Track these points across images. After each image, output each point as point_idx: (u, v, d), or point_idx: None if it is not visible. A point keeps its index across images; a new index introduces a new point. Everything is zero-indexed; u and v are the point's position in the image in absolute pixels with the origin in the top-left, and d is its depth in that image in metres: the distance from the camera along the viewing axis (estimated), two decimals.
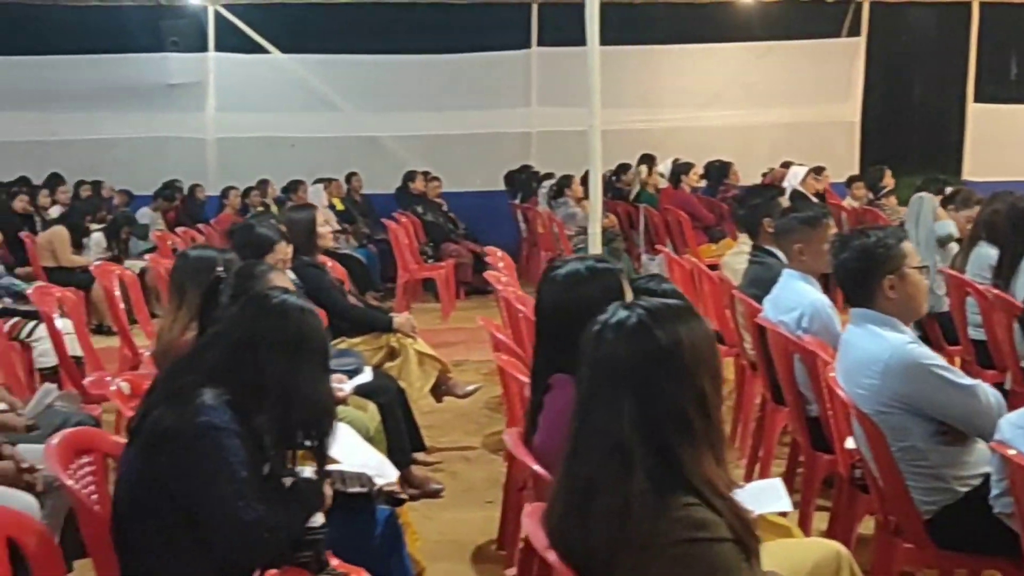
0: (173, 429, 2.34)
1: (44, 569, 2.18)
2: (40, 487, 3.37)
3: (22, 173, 12.95)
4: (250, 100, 14.24)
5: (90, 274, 9.07)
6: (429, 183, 12.43)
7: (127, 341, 5.91)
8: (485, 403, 6.37)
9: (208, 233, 10.88)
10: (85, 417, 4.24)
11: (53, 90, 13.95)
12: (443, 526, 4.57)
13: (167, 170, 13.37)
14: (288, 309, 2.55)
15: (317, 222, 5.30)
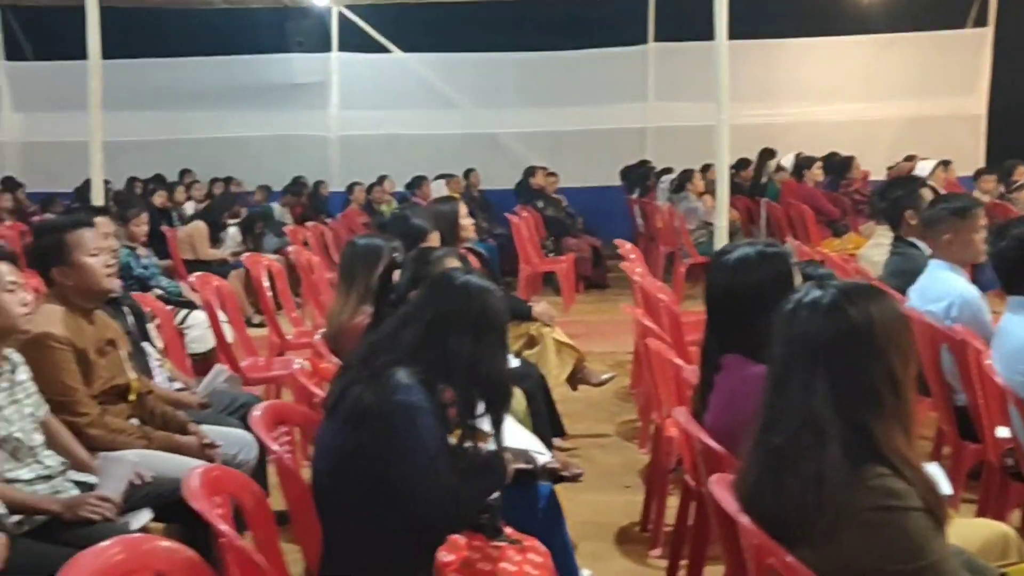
0: (373, 407, 2.50)
1: (261, 526, 2.36)
2: (218, 463, 3.60)
3: (156, 171, 13.54)
4: (372, 98, 14.60)
5: (226, 266, 9.47)
6: (548, 178, 12.56)
7: (275, 327, 6.17)
8: (615, 393, 6.48)
9: (335, 227, 11.22)
10: (250, 397, 4.48)
11: (184, 91, 14.51)
12: (584, 508, 4.67)
13: (292, 167, 13.82)
14: (471, 288, 2.70)
15: (460, 214, 5.45)
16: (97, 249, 3.63)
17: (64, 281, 3.59)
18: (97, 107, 7.38)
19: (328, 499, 2.59)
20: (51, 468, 3.15)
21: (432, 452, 2.50)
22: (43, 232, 3.65)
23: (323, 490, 2.60)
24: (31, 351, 3.29)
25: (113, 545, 1.83)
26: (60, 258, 3.57)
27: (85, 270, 3.60)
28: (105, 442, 3.47)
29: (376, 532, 2.52)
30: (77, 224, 3.64)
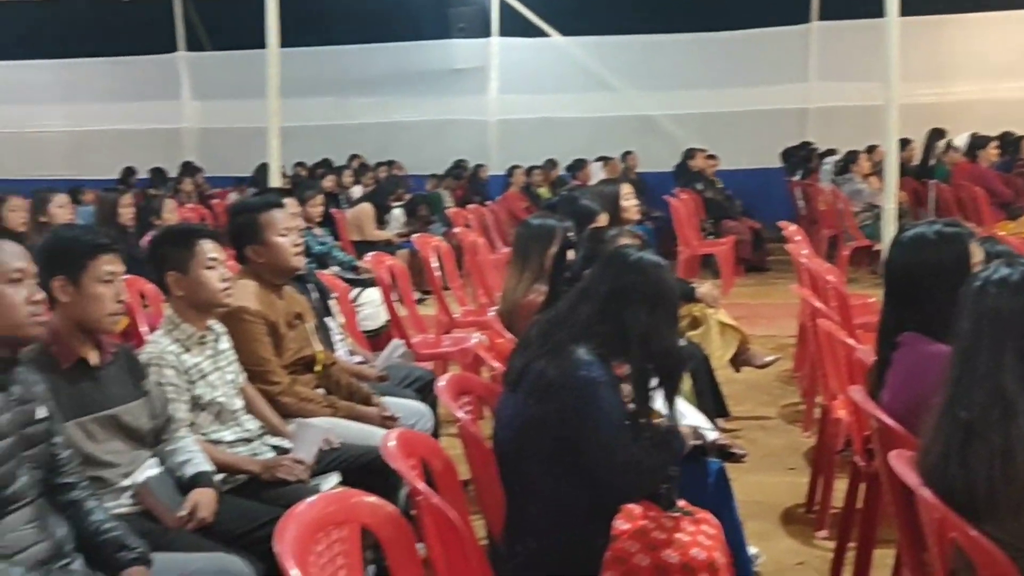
0: (557, 381, 2.61)
1: (449, 489, 2.51)
2: None
3: (323, 155, 14.04)
4: (530, 82, 14.75)
5: (392, 247, 9.78)
6: (707, 161, 12.47)
7: (443, 306, 6.38)
8: (777, 376, 6.45)
9: (495, 210, 11.43)
10: (424, 371, 4.66)
11: (349, 77, 15.00)
12: (749, 488, 4.67)
13: (452, 151, 14.12)
14: (645, 264, 2.78)
15: (621, 196, 5.51)
16: (286, 229, 3.85)
17: (256, 259, 3.83)
18: (275, 94, 7.71)
19: (510, 468, 2.72)
20: (250, 431, 3.39)
21: (615, 424, 2.61)
22: (238, 212, 3.89)
23: (506, 459, 2.72)
24: (229, 323, 3.53)
25: (324, 499, 2.00)
26: (254, 237, 3.80)
27: (276, 248, 3.83)
28: (295, 409, 3.70)
29: (556, 500, 2.63)
30: (269, 205, 3.86)
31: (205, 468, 2.98)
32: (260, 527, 2.91)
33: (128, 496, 2.84)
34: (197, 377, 3.24)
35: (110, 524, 2.51)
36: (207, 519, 2.84)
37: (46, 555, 2.35)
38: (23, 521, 2.34)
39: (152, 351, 3.18)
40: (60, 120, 16.12)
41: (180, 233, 3.36)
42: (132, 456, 2.89)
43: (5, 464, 2.30)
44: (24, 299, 2.33)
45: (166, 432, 3.03)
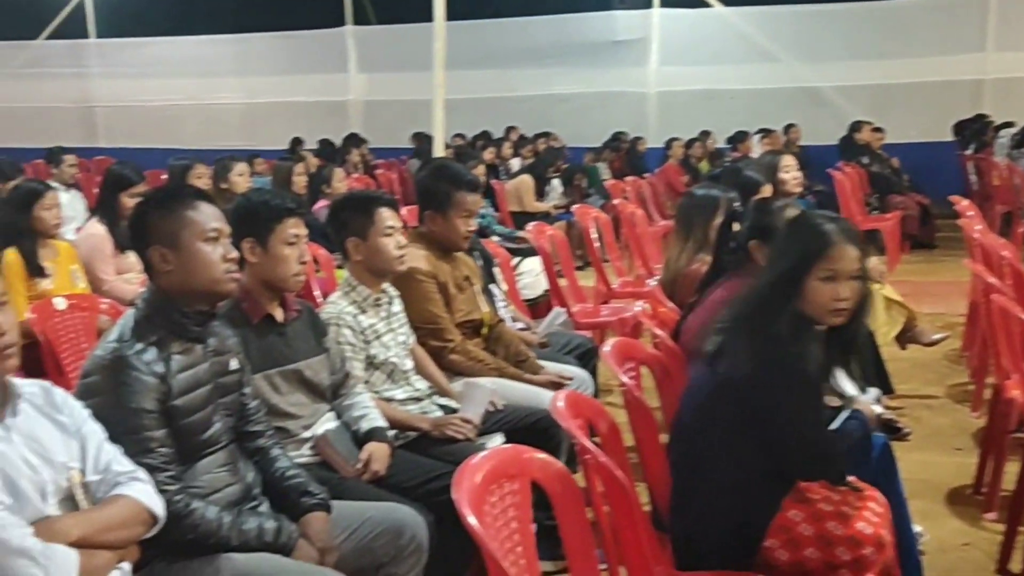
0: (757, 358, 2.58)
1: (614, 451, 2.57)
2: None
3: (483, 127, 14.24)
4: (691, 54, 14.59)
5: (550, 218, 9.87)
6: (874, 134, 12.10)
7: (602, 276, 6.44)
8: (944, 355, 6.27)
9: (653, 183, 11.38)
10: (584, 339, 4.74)
11: (510, 50, 15.13)
12: (913, 467, 4.58)
13: (610, 123, 14.10)
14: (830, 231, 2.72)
15: (780, 168, 5.44)
16: (468, 212, 3.95)
17: (432, 225, 3.96)
18: (440, 66, 7.88)
19: (686, 437, 2.73)
20: (420, 391, 3.53)
21: (815, 405, 2.59)
22: (439, 176, 3.97)
23: (683, 428, 2.74)
24: (401, 284, 3.67)
25: (497, 453, 2.09)
26: (440, 208, 3.92)
27: (452, 228, 3.94)
28: (464, 367, 3.83)
29: (733, 473, 2.62)
30: (468, 186, 3.93)
31: (380, 423, 3.13)
32: (430, 481, 3.05)
33: (308, 447, 3.01)
34: (372, 337, 3.39)
35: (294, 471, 2.68)
36: (380, 471, 2.99)
37: (237, 497, 2.53)
38: (217, 464, 2.52)
39: (331, 311, 3.34)
40: (235, 92, 16.83)
41: (361, 200, 3.51)
42: (313, 409, 3.06)
43: (203, 410, 2.48)
44: (220, 256, 2.50)
45: (344, 388, 3.19)
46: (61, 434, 2.15)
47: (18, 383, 2.12)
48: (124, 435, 2.28)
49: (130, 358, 2.36)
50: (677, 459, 2.76)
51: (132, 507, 2.14)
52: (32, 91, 16.92)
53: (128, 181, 5.43)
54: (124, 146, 16.14)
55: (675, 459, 2.77)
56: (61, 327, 3.93)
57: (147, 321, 2.45)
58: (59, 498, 2.08)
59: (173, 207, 2.49)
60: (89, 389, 2.35)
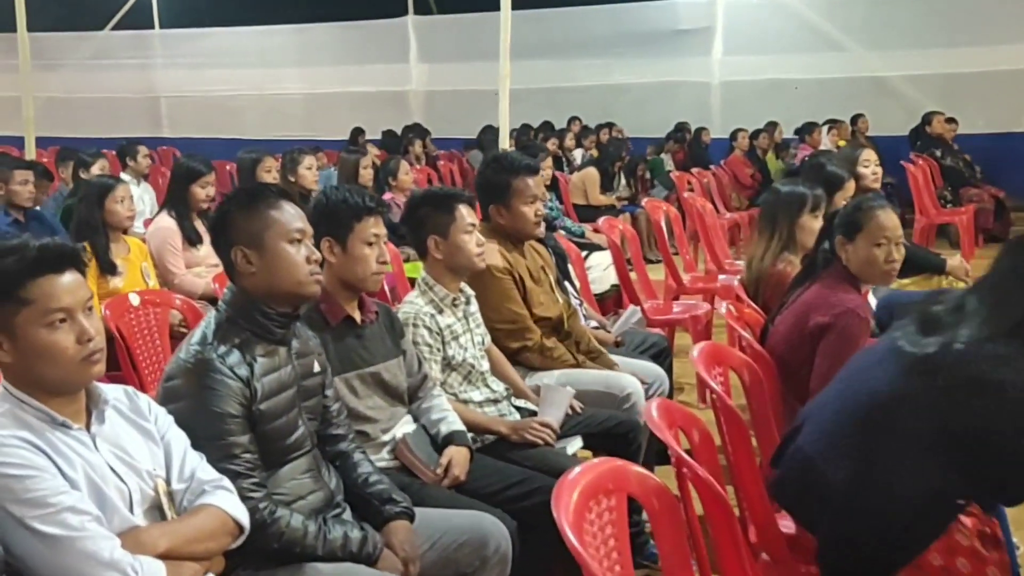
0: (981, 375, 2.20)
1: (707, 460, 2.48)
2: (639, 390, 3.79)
3: (544, 118, 14.11)
4: (756, 43, 14.31)
5: (615, 211, 9.75)
6: (946, 125, 11.80)
7: (672, 271, 6.32)
8: None
9: (718, 174, 11.20)
10: (659, 337, 4.63)
11: (572, 39, 14.97)
12: None
13: (672, 114, 13.90)
14: None
15: (859, 162, 5.28)
16: (533, 197, 3.88)
17: (498, 219, 3.88)
18: (506, 56, 7.79)
19: (852, 443, 2.39)
20: (497, 392, 3.46)
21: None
22: (496, 168, 3.91)
23: (851, 432, 2.40)
24: (477, 283, 3.59)
25: (593, 467, 2.00)
26: (502, 199, 3.85)
27: (519, 216, 3.86)
28: (540, 365, 3.76)
29: (918, 484, 2.29)
30: (526, 170, 3.88)
31: (459, 427, 3.06)
32: (510, 487, 2.98)
33: (387, 451, 2.95)
34: (450, 338, 3.32)
35: (376, 477, 2.61)
36: (461, 477, 2.93)
37: (321, 504, 2.47)
38: (301, 470, 2.47)
39: (408, 311, 3.28)
40: (296, 83, 16.87)
41: (441, 197, 3.44)
42: (391, 412, 3.00)
43: (287, 414, 2.43)
44: (304, 258, 2.44)
45: (422, 390, 3.12)
46: (146, 441, 2.11)
47: (104, 388, 2.08)
48: (208, 440, 2.24)
49: (214, 361, 2.31)
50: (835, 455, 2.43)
51: (218, 518, 2.09)
52: (98, 82, 17.09)
53: (197, 172, 5.42)
54: (187, 136, 16.26)
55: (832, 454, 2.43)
56: (135, 323, 3.91)
57: (230, 323, 2.40)
58: (145, 507, 2.04)
59: (256, 207, 2.44)
60: (172, 393, 2.30)
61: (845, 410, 2.43)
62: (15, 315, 1.92)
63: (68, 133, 14.38)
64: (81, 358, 1.95)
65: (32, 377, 1.95)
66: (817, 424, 2.53)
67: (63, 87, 16.78)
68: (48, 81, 16.39)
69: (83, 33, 17.42)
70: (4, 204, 5.82)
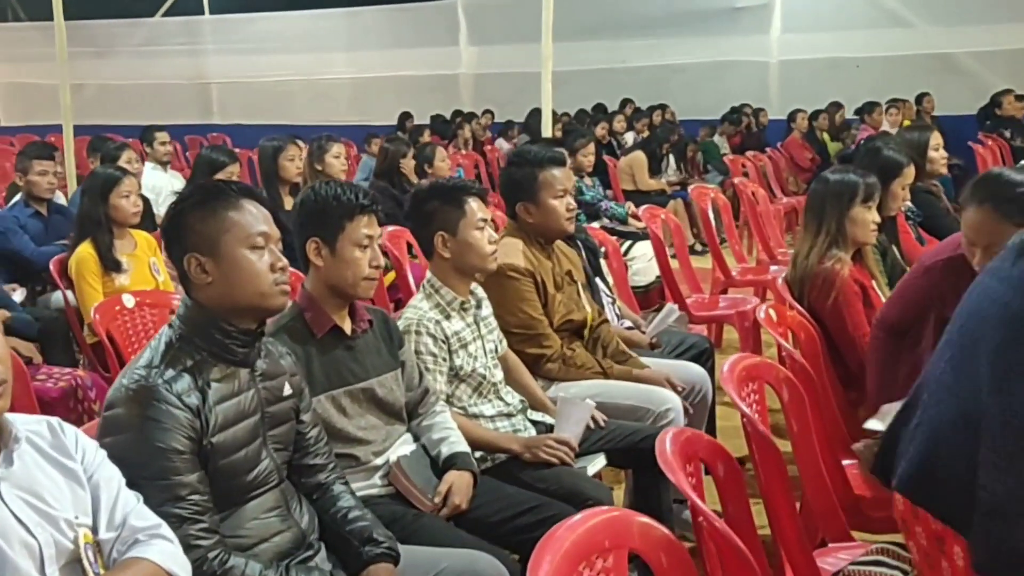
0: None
1: (733, 498, 2.14)
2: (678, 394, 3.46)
3: (595, 100, 13.73)
4: (816, 20, 13.80)
5: (665, 196, 9.37)
6: (1017, 104, 11.22)
7: (720, 262, 5.95)
8: None
9: (776, 157, 10.75)
10: (700, 339, 4.28)
11: (624, 19, 14.54)
12: None
13: (728, 94, 13.44)
14: None
15: (931, 145, 4.87)
16: (563, 191, 3.55)
17: (526, 217, 3.56)
18: (547, 37, 7.43)
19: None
20: (511, 405, 3.14)
21: None
22: (517, 164, 3.61)
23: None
24: (493, 284, 3.28)
25: (585, 520, 1.67)
26: (529, 194, 3.52)
27: (549, 211, 3.54)
28: (561, 376, 3.44)
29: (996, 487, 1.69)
30: (551, 162, 3.56)
31: (462, 448, 2.74)
32: (518, 515, 2.67)
33: (380, 476, 2.64)
34: (457, 346, 3.01)
35: (358, 512, 2.31)
36: (462, 505, 2.62)
37: (290, 545, 2.17)
38: (265, 508, 2.17)
39: (411, 317, 2.96)
40: (345, 67, 16.65)
41: (450, 190, 3.11)
42: (386, 432, 2.69)
43: (248, 446, 2.13)
44: (268, 266, 2.14)
45: (423, 406, 2.81)
46: (69, 483, 1.81)
47: (18, 422, 1.79)
48: (149, 480, 1.95)
49: (158, 388, 2.01)
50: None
51: (150, 572, 1.79)
52: (149, 68, 17.02)
53: (219, 163, 5.19)
54: (237, 122, 16.15)
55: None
56: (130, 326, 3.65)
57: (182, 342, 2.10)
58: (62, 563, 1.75)
59: (213, 207, 2.13)
60: (111, 424, 2.01)
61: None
62: None
63: (120, 121, 14.30)
64: None
65: None
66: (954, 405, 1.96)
67: (115, 74, 16.75)
68: (100, 68, 16.41)
69: (134, 20, 17.38)
70: (24, 196, 5.61)
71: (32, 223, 5.52)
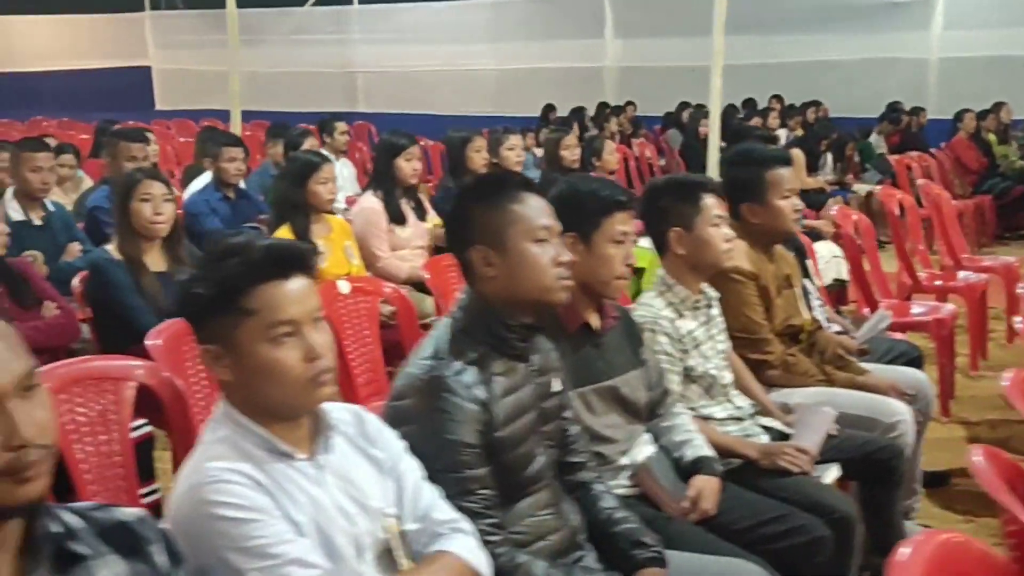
0: None
1: None
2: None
3: (745, 96, 13.45)
4: (980, 15, 13.26)
5: (824, 195, 9.10)
6: None
7: (907, 266, 5.75)
8: None
9: (940, 158, 10.37)
10: (909, 347, 4.12)
11: (776, 14, 14.21)
12: None
13: (883, 92, 13.01)
14: None
15: None
16: (790, 190, 3.44)
17: (751, 218, 3.45)
18: (720, 30, 7.31)
19: None
20: (742, 409, 3.05)
21: None
22: (741, 162, 3.52)
23: None
24: (716, 284, 3.19)
25: (927, 541, 1.58)
26: (755, 195, 3.42)
27: (776, 212, 3.43)
28: (783, 382, 3.34)
29: None
30: (779, 161, 3.46)
31: (707, 452, 2.67)
32: (763, 523, 2.60)
33: (625, 476, 2.59)
34: (691, 346, 2.94)
35: (623, 513, 2.26)
36: (711, 511, 2.55)
37: (563, 545, 2.14)
38: (540, 505, 2.14)
39: (645, 315, 2.90)
40: (488, 58, 16.72)
41: (685, 185, 3.05)
42: (628, 431, 2.63)
43: (526, 442, 2.10)
44: (551, 260, 2.10)
45: (662, 406, 2.75)
46: (376, 473, 1.81)
47: (330, 411, 1.79)
48: (441, 473, 1.93)
49: (448, 379, 1.99)
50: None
51: (457, 568, 1.77)
52: (298, 57, 17.39)
53: (400, 146, 5.22)
54: (381, 111, 16.34)
55: None
56: (344, 313, 3.67)
57: (465, 335, 2.08)
58: (375, 552, 1.74)
59: (497, 200, 2.11)
60: (399, 415, 2.00)
61: None
62: (237, 327, 1.65)
63: (267, 107, 14.62)
64: (308, 379, 1.66)
65: (253, 398, 1.68)
66: None
67: (264, 62, 17.13)
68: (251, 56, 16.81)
69: (285, 9, 17.75)
70: (214, 181, 5.75)
71: (222, 207, 5.66)
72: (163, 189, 3.91)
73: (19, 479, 1.23)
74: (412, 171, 5.18)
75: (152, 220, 3.84)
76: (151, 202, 3.84)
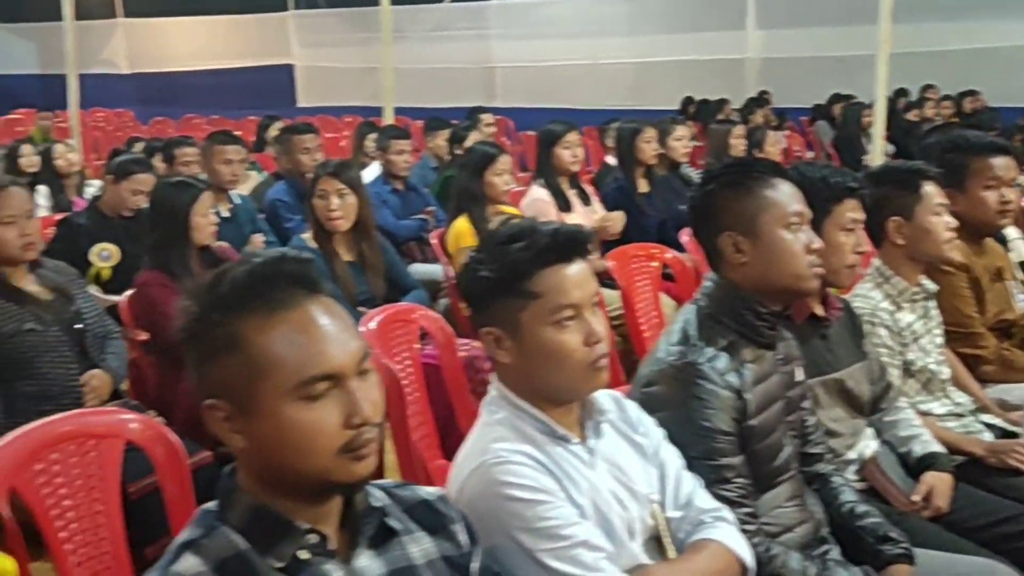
0: None
1: None
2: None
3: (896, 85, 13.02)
4: None
5: None
6: None
7: None
8: None
9: None
10: None
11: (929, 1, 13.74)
12: None
13: None
14: None
15: None
16: (995, 180, 3.30)
17: (953, 208, 3.32)
18: (887, 17, 7.11)
19: None
20: (961, 405, 2.95)
21: None
22: (952, 148, 3.38)
23: None
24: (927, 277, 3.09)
25: None
26: (956, 182, 3.28)
27: (976, 202, 3.29)
28: (999, 377, 3.21)
29: None
30: (990, 149, 3.33)
31: (937, 448, 2.59)
32: (999, 523, 2.51)
33: (852, 471, 2.53)
34: (910, 339, 2.85)
35: (865, 507, 2.20)
36: (944, 508, 2.47)
37: (808, 538, 2.10)
38: (785, 496, 2.10)
39: (863, 306, 2.82)
40: (626, 51, 16.60)
41: (905, 173, 2.96)
42: (852, 425, 2.57)
43: (775, 432, 2.07)
44: (804, 246, 2.06)
45: (884, 401, 2.67)
46: (640, 459, 1.80)
47: (596, 396, 1.79)
48: (697, 460, 1.91)
49: (701, 365, 1.97)
50: None
51: (724, 557, 1.75)
52: (436, 53, 17.56)
53: (556, 134, 5.26)
54: (519, 106, 16.39)
55: None
56: None
57: (714, 321, 2.06)
58: (644, 538, 1.73)
59: (748, 186, 2.07)
60: (652, 401, 1.98)
61: None
62: (521, 310, 1.66)
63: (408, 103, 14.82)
64: (588, 363, 1.66)
65: (532, 382, 1.69)
66: None
67: (404, 58, 17.29)
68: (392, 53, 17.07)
69: (424, 6, 17.95)
70: (384, 173, 5.85)
71: (392, 199, 5.76)
72: (337, 185, 4.00)
73: (357, 456, 1.26)
74: (572, 158, 5.21)
75: (327, 216, 3.95)
76: (325, 199, 3.95)
